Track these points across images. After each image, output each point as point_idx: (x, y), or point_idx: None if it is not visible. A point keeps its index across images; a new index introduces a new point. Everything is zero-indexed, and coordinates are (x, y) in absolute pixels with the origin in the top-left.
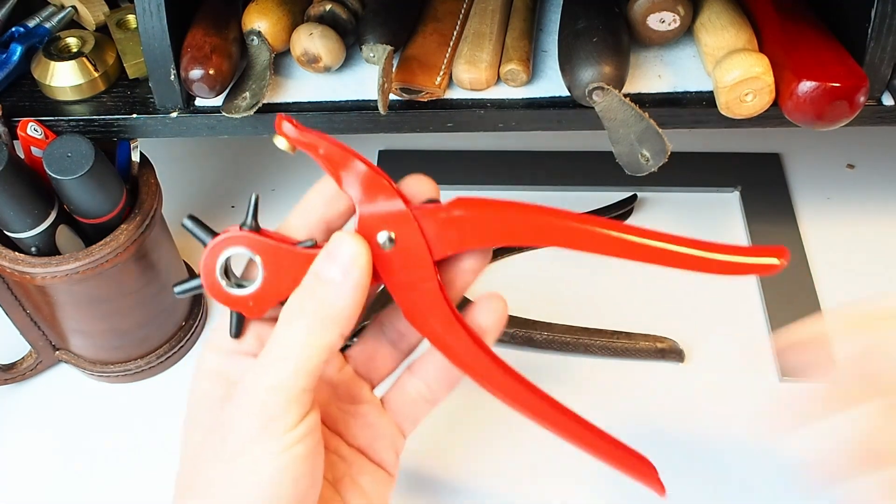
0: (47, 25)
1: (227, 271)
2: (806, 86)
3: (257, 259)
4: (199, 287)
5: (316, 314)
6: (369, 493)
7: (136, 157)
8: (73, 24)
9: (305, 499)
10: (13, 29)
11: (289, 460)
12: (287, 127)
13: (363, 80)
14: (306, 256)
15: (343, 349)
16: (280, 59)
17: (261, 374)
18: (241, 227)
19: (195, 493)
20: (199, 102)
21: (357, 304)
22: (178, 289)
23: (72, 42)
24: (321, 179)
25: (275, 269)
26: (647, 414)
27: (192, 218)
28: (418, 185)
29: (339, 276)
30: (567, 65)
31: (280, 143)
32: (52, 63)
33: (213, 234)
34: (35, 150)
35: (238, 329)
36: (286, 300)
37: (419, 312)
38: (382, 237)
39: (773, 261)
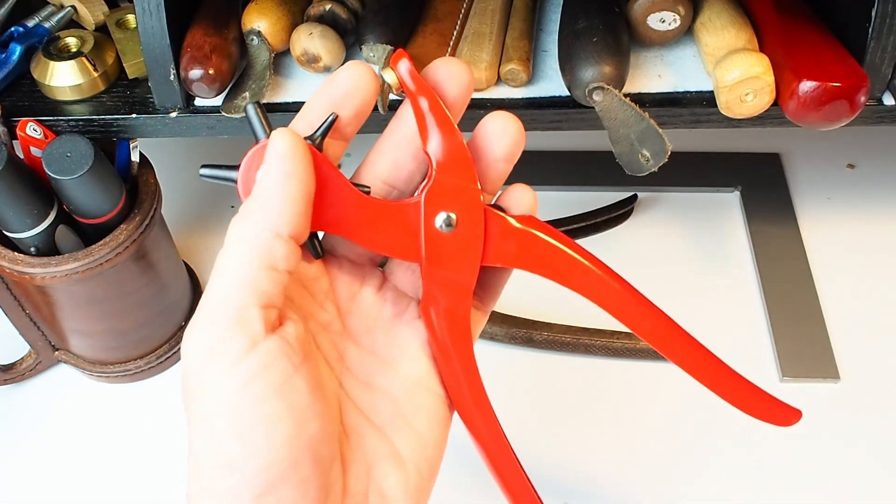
0: (47, 25)
1: None
2: (806, 86)
3: None
4: (232, 181)
5: (244, 214)
6: (424, 435)
7: (135, 157)
8: (73, 23)
9: (293, 447)
10: (12, 29)
11: (248, 401)
12: (403, 67)
13: None
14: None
15: (381, 266)
16: (280, 58)
17: (205, 293)
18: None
19: (189, 449)
20: (198, 102)
21: (288, 198)
22: (206, 171)
23: (71, 42)
24: (326, 81)
25: None
26: (647, 414)
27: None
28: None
29: (266, 171)
30: (567, 65)
31: (388, 76)
32: (52, 63)
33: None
34: (34, 150)
35: None
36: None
37: (439, 308)
38: (442, 217)
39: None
